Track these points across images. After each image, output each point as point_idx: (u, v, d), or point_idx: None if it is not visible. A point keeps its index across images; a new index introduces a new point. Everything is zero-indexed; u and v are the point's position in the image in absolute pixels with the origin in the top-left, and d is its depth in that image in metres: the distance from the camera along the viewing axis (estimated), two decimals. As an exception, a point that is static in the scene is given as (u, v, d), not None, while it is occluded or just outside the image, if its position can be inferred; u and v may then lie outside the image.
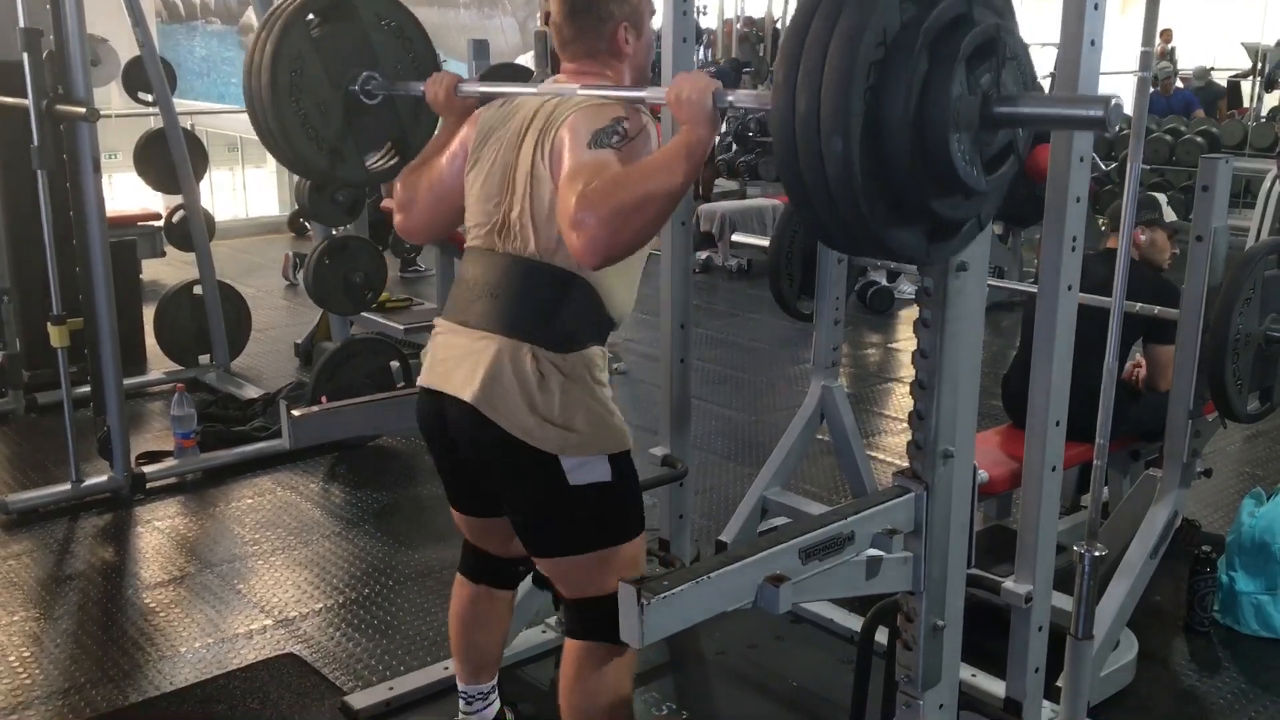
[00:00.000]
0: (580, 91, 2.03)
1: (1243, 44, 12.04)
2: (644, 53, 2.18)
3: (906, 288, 7.20)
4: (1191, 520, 3.68)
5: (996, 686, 2.61)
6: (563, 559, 2.13)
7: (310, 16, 2.44)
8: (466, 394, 2.02)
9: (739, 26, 13.30)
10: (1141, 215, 3.29)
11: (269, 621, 3.26)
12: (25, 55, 3.76)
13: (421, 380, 2.16)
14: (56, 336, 3.91)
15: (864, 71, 1.42)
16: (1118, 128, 1.46)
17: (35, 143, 3.81)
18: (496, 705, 2.56)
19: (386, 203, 2.57)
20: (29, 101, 3.80)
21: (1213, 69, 12.75)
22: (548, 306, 2.03)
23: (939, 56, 1.46)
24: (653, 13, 2.21)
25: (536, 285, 2.04)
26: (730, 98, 1.81)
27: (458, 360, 2.07)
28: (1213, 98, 12.06)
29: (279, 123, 2.42)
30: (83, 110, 3.80)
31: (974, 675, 2.73)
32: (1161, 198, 3.67)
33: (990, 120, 1.54)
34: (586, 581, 2.11)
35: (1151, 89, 2.57)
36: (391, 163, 2.62)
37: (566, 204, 1.82)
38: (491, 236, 2.10)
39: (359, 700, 2.79)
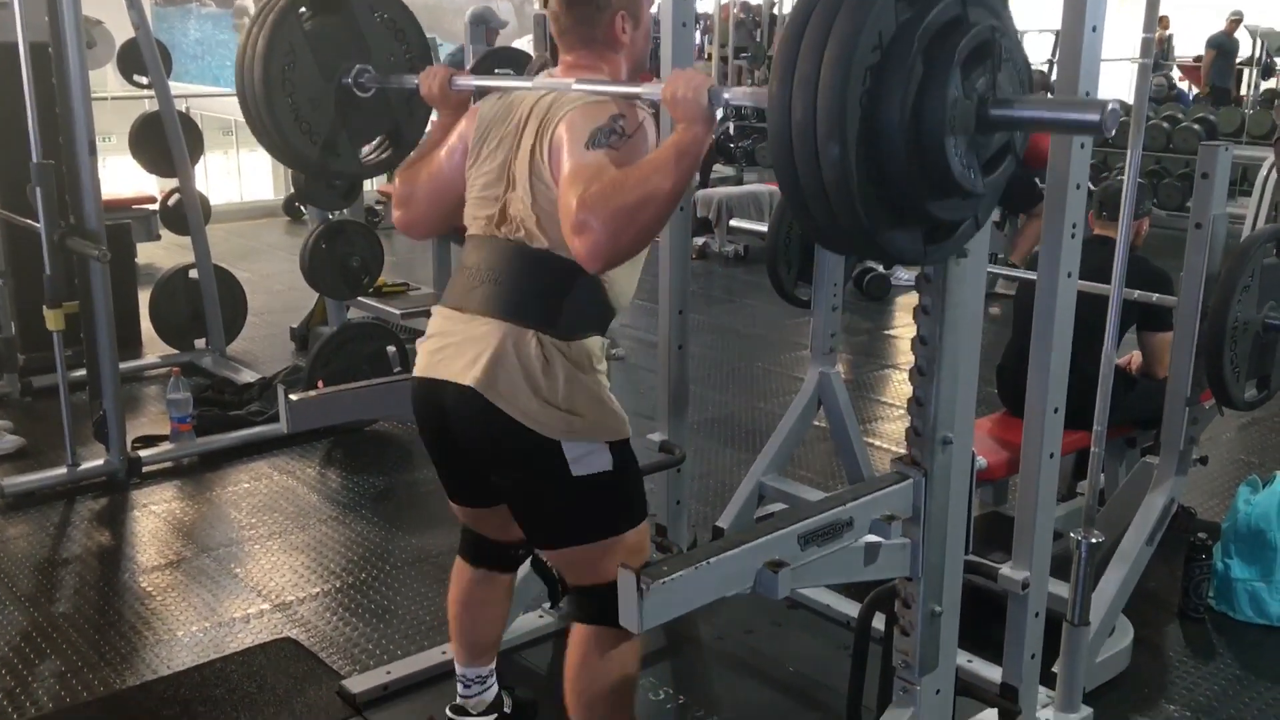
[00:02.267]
0: (576, 87, 2.03)
1: (1246, 27, 12.00)
2: (642, 42, 2.17)
3: (903, 274, 7.20)
4: (1187, 507, 3.69)
5: (993, 672, 2.61)
6: (567, 549, 2.14)
7: (302, 9, 2.43)
8: (468, 379, 2.01)
9: (736, 12, 13.26)
10: (1143, 206, 3.29)
11: (266, 606, 3.26)
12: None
13: (418, 371, 2.15)
14: (52, 320, 3.90)
15: (860, 76, 1.42)
16: (1114, 129, 1.46)
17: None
18: (494, 689, 2.57)
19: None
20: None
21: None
22: (552, 293, 2.03)
23: (934, 61, 1.46)
24: (651, 1, 2.20)
25: (540, 272, 2.03)
26: (726, 95, 1.81)
27: (458, 346, 2.06)
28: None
29: (272, 116, 2.41)
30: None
31: (970, 661, 2.74)
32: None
33: (986, 123, 1.54)
34: (591, 569, 2.11)
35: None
36: (385, 155, 2.62)
37: (568, 208, 1.83)
38: (492, 224, 2.09)
39: (357, 684, 2.79)
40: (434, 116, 2.40)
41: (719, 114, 1.88)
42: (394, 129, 2.61)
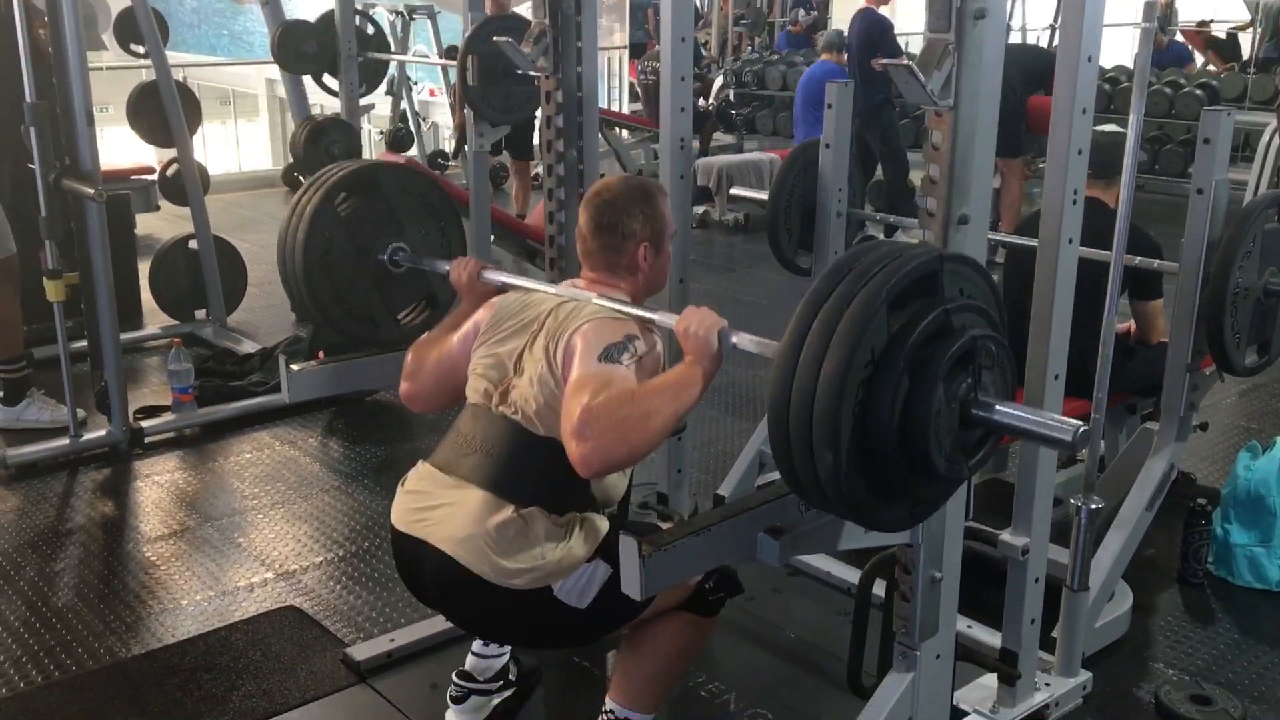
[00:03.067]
0: (596, 300, 2.12)
1: None
2: (661, 268, 2.30)
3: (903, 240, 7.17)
4: (1187, 473, 3.70)
5: (993, 637, 2.63)
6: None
7: (340, 195, 2.58)
8: (448, 546, 2.05)
9: (734, 10, 13.19)
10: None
11: (270, 575, 3.28)
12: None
13: (397, 523, 2.19)
14: (52, 291, 3.90)
15: (854, 391, 1.52)
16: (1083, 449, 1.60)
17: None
18: (505, 658, 2.59)
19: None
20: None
21: (1212, 21, 12.63)
22: (540, 475, 2.07)
23: (921, 374, 1.56)
24: (674, 233, 2.32)
25: (532, 454, 2.08)
26: (734, 340, 1.95)
27: (442, 511, 2.10)
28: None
29: (314, 299, 2.61)
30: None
31: (970, 626, 2.75)
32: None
33: (969, 421, 1.64)
34: (651, 614, 2.17)
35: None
36: (424, 317, 2.76)
37: (570, 413, 1.89)
38: (491, 400, 2.14)
39: (361, 652, 2.81)
40: None
41: (727, 347, 2.00)
42: (429, 294, 2.76)
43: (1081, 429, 1.58)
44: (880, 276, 1.57)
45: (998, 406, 1.63)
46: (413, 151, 9.59)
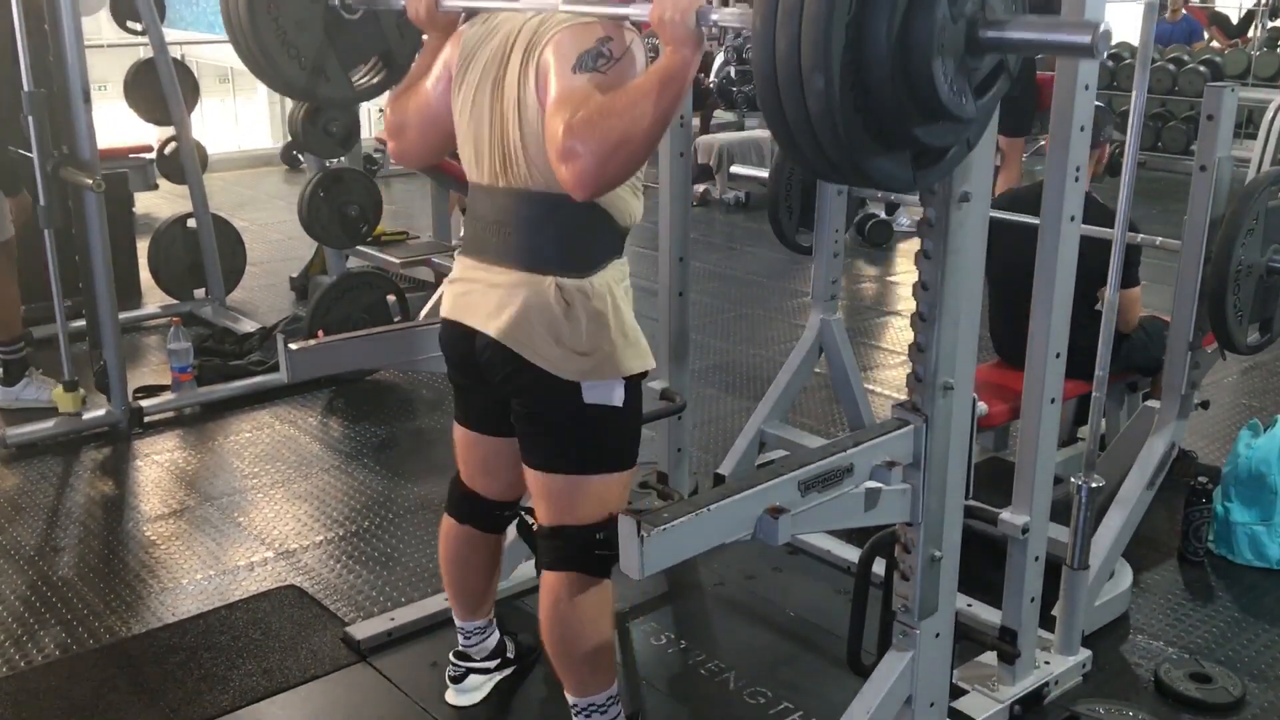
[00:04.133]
0: (563, 8, 1.97)
1: None
2: None
3: (905, 220, 7.16)
4: (1188, 451, 3.69)
5: (993, 616, 2.63)
6: (554, 475, 2.14)
7: None
8: (492, 329, 2.04)
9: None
10: (1104, 133, 3.13)
11: (270, 554, 3.28)
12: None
13: (444, 312, 2.18)
14: (66, 403, 3.98)
15: (845, 3, 1.39)
16: (1105, 55, 1.43)
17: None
18: (495, 636, 2.59)
19: None
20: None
21: (1217, -3, 12.56)
22: (562, 234, 2.02)
23: None
24: None
25: (545, 215, 2.02)
26: (714, 16, 1.74)
27: (482, 294, 2.09)
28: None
29: (258, 43, 2.37)
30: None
31: (970, 605, 2.75)
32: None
33: (976, 45, 1.50)
34: (567, 504, 2.13)
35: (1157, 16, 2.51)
36: (377, 79, 2.57)
37: (554, 134, 1.80)
38: (492, 171, 2.07)
39: (361, 631, 2.81)
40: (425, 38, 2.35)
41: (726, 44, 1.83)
42: (385, 51, 2.55)
43: (1101, 27, 1.40)
44: None
45: (1010, 23, 1.49)
46: None
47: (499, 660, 2.60)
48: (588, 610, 2.17)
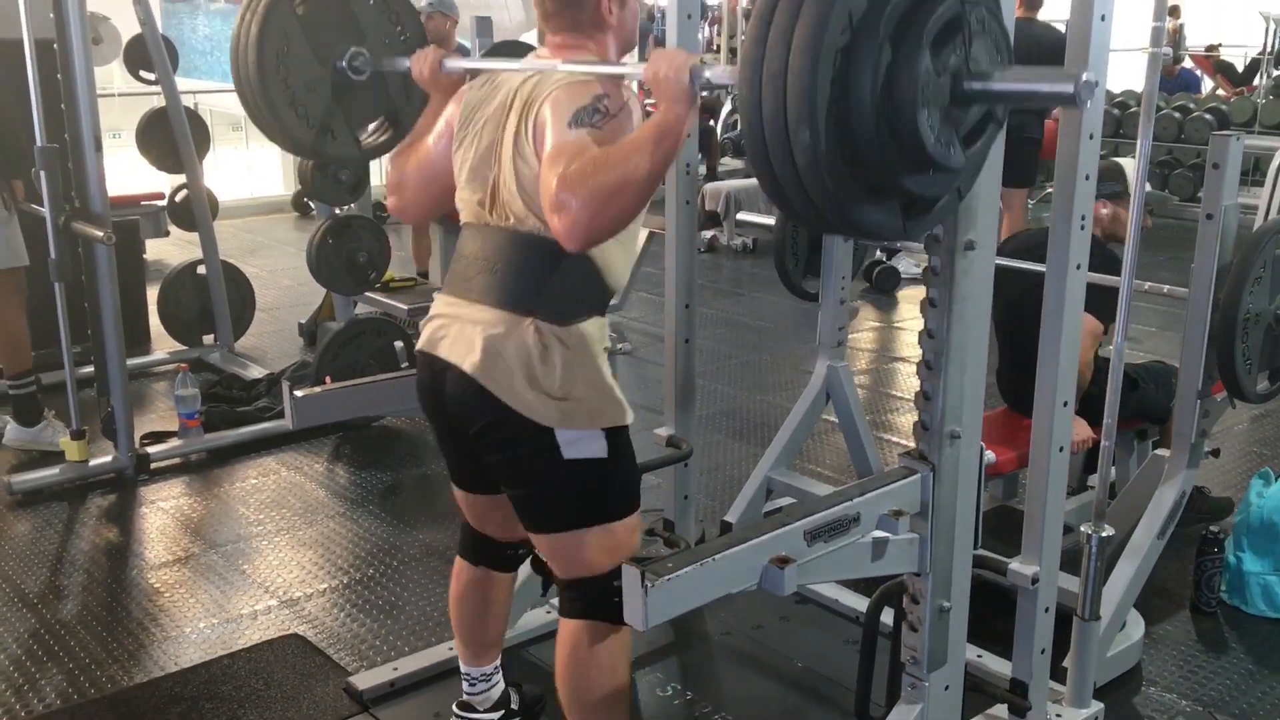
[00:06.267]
0: (562, 67, 2.02)
1: (1260, 13, 11.86)
2: (630, 21, 2.15)
3: (912, 266, 7.16)
4: (1200, 487, 3.68)
5: (1003, 667, 2.60)
6: (555, 535, 2.13)
7: None
8: (466, 365, 2.03)
9: (744, 3, 13.21)
10: (1104, 188, 3.17)
11: (274, 602, 3.26)
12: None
13: (421, 345, 2.17)
14: (73, 451, 3.97)
15: (830, 60, 1.40)
16: (1088, 102, 1.45)
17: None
18: (500, 686, 2.56)
19: None
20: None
21: (1221, 45, 12.64)
22: (546, 278, 2.02)
23: (903, 42, 1.44)
24: None
25: (533, 258, 2.03)
26: (708, 74, 1.78)
27: (459, 332, 2.08)
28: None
29: (267, 102, 2.40)
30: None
31: (980, 656, 2.72)
32: (1128, 163, 3.50)
33: (962, 97, 1.52)
34: (577, 560, 2.11)
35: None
36: (384, 138, 2.61)
37: (548, 186, 1.82)
38: (484, 211, 2.09)
39: (363, 681, 2.78)
40: None
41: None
42: (391, 111, 2.59)
43: (1085, 77, 1.42)
44: None
45: (994, 75, 1.51)
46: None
47: (503, 712, 2.57)
48: (606, 658, 2.16)
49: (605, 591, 2.10)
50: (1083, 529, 2.54)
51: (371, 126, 2.60)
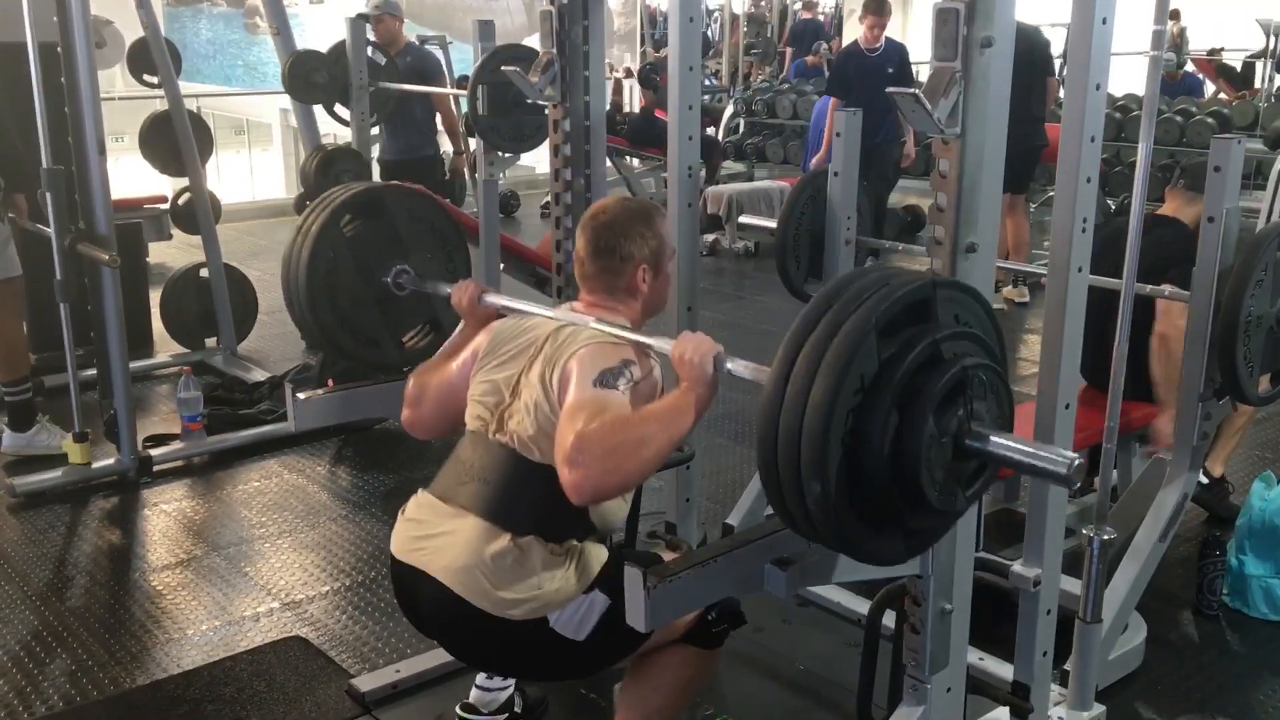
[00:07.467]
0: (594, 325, 2.09)
1: (1257, 20, 11.87)
2: (660, 290, 2.26)
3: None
4: (1224, 478, 3.77)
5: (1005, 670, 2.59)
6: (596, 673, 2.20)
7: (345, 217, 2.57)
8: (445, 576, 2.02)
9: (747, 7, 13.24)
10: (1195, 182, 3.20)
11: (276, 604, 3.26)
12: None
13: (396, 552, 2.14)
14: (76, 454, 3.97)
15: (843, 419, 1.49)
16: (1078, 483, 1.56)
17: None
18: (509, 691, 2.57)
19: None
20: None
21: (1223, 49, 12.63)
22: (538, 504, 2.02)
23: (911, 406, 1.52)
24: (673, 253, 2.29)
25: (529, 482, 2.04)
26: (729, 366, 1.90)
27: (439, 540, 2.07)
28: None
29: (315, 318, 2.58)
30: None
31: (982, 659, 2.72)
32: None
33: (962, 452, 1.60)
34: (655, 646, 2.13)
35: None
36: (427, 340, 2.73)
37: (564, 439, 1.87)
38: (489, 427, 2.11)
39: (366, 683, 2.79)
40: None
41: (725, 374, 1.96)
42: (433, 318, 2.74)
43: (1076, 462, 1.53)
44: (871, 302, 1.53)
45: (992, 438, 1.59)
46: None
47: (506, 715, 2.57)
48: (688, 672, 2.19)
49: (703, 623, 2.16)
50: (1084, 531, 2.54)
51: (414, 331, 2.75)
